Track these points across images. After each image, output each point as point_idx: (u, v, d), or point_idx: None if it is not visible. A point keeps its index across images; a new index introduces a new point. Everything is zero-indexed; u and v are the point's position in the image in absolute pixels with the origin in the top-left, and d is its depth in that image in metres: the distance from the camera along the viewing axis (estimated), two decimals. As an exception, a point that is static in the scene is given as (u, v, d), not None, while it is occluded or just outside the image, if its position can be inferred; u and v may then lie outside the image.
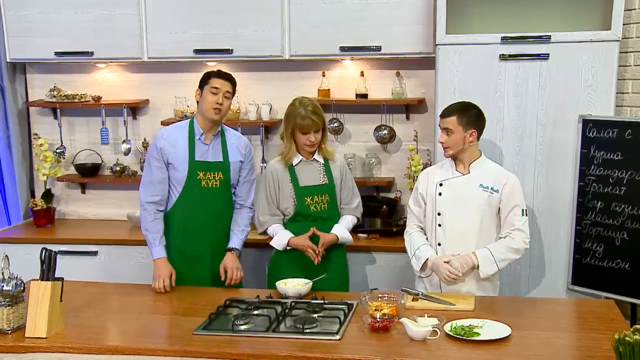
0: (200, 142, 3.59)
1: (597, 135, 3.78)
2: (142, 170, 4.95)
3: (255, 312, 3.06)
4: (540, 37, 3.84)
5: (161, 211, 3.62)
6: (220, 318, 3.01)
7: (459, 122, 3.26)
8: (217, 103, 3.52)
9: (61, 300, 2.89)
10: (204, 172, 3.58)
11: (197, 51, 4.58)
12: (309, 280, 3.40)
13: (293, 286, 3.35)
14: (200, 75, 4.78)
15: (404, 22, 4.32)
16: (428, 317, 2.92)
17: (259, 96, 4.78)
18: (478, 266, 3.29)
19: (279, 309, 3.10)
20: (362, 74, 4.63)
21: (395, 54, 4.40)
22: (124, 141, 4.96)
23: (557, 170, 3.92)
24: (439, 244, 3.38)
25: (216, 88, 3.53)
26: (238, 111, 4.82)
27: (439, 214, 3.36)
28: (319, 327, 2.90)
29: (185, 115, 4.78)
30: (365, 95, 4.60)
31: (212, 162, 3.60)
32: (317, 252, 3.54)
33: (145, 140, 4.98)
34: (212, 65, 4.80)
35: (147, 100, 5.00)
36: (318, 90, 4.69)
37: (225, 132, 3.70)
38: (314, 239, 3.58)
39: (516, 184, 3.34)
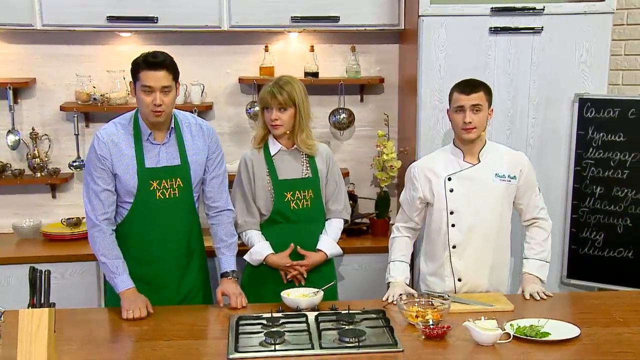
0: (149, 143, 3.36)
1: (595, 116, 4.11)
2: (30, 169, 4.63)
3: (283, 329, 2.99)
4: (533, 8, 4.10)
5: (114, 230, 3.39)
6: (243, 339, 2.91)
7: (486, 98, 3.39)
8: (155, 105, 3.22)
9: (55, 331, 2.64)
10: (158, 181, 3.34)
11: (111, 19, 4.34)
12: (318, 289, 3.38)
13: (300, 296, 3.32)
14: (111, 49, 4.64)
15: (366, -12, 4.42)
16: (485, 319, 3.02)
17: (188, 75, 4.60)
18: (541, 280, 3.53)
19: (304, 323, 3.06)
20: (312, 49, 4.64)
21: (356, 26, 4.47)
22: (9, 132, 4.57)
23: (550, 153, 4.22)
24: (454, 247, 3.48)
25: (148, 87, 3.21)
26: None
27: (451, 213, 3.46)
28: (369, 340, 2.91)
29: (95, 99, 4.51)
30: (315, 74, 4.63)
31: (166, 167, 3.36)
32: (301, 273, 3.59)
33: (33, 130, 4.63)
34: (126, 37, 4.59)
35: (34, 79, 4.64)
36: (260, 67, 4.64)
37: (181, 124, 3.43)
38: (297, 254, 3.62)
39: (529, 163, 3.54)
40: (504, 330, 2.93)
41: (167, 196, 3.36)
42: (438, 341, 2.93)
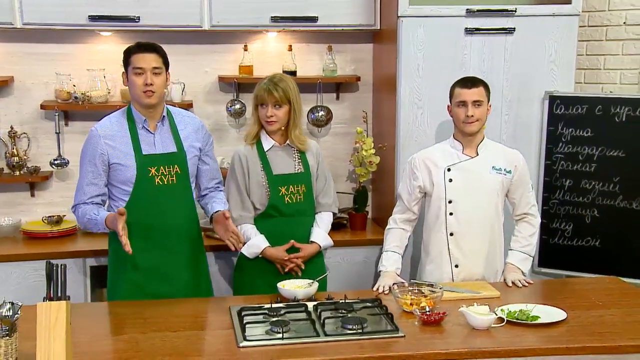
0: (144, 131, 3.45)
1: (564, 112, 4.30)
2: (8, 168, 4.60)
3: (286, 318, 3.06)
4: (505, 10, 4.26)
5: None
6: (250, 328, 2.98)
7: (486, 93, 3.54)
8: (146, 84, 3.35)
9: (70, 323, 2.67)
10: (157, 167, 3.43)
11: (92, 18, 4.34)
12: (312, 280, 3.46)
13: (295, 287, 3.40)
14: (91, 48, 4.64)
15: (343, -11, 4.52)
16: (478, 305, 3.15)
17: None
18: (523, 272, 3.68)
19: (305, 312, 3.14)
20: (290, 49, 4.71)
21: (334, 26, 4.57)
22: (-10, 130, 4.55)
23: (522, 148, 4.29)
24: (451, 234, 3.63)
25: (140, 68, 3.36)
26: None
27: (450, 202, 3.60)
28: (371, 327, 3.01)
29: (76, 98, 4.51)
30: (294, 73, 4.70)
31: (164, 153, 3.45)
32: (298, 265, 3.68)
33: (12, 128, 4.59)
34: (106, 36, 4.60)
35: (12, 77, 4.61)
36: (239, 66, 4.69)
37: (173, 114, 3.56)
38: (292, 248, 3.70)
39: (524, 161, 3.71)
40: (497, 315, 3.07)
41: (165, 182, 3.43)
42: (435, 327, 3.05)
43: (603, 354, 2.87)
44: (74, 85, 4.57)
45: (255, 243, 3.62)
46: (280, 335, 2.90)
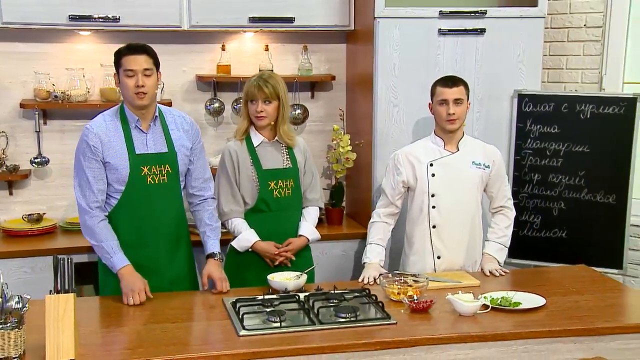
0: (137, 130, 3.49)
1: (532, 110, 4.47)
2: (-10, 168, 4.60)
3: (281, 309, 3.15)
4: (476, 12, 4.41)
5: (106, 216, 3.48)
6: (247, 319, 3.05)
7: (465, 92, 3.67)
8: (137, 86, 3.38)
9: (76, 315, 2.72)
10: (149, 167, 3.47)
11: (73, 18, 4.36)
12: (300, 273, 3.55)
13: (285, 279, 3.49)
14: (69, 47, 4.65)
15: (319, -10, 4.62)
16: (462, 293, 3.28)
17: (146, 73, 4.69)
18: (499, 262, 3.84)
19: (297, 303, 3.23)
20: (266, 48, 4.79)
21: (310, 27, 4.66)
22: (-32, 132, 4.53)
23: (493, 144, 4.49)
24: (434, 227, 3.76)
25: (131, 70, 3.39)
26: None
27: (432, 196, 3.73)
28: (363, 315, 3.11)
29: (56, 97, 4.52)
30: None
31: (156, 153, 3.50)
32: (288, 258, 3.77)
33: (-11, 129, 4.59)
34: (85, 35, 4.61)
35: (-12, 77, 4.60)
36: (217, 65, 4.75)
37: (165, 114, 3.60)
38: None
39: (501, 156, 3.86)
40: (482, 302, 3.21)
41: (157, 181, 3.47)
42: (423, 314, 3.17)
43: (582, 335, 3.03)
44: (53, 85, 4.57)
45: (245, 237, 3.69)
46: (277, 324, 2.99)
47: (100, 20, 4.40)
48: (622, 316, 3.28)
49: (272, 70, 4.76)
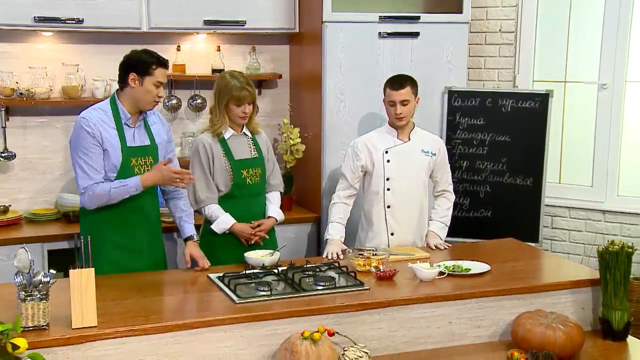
0: (127, 126, 3.73)
1: (461, 104, 4.94)
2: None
3: (265, 280, 3.45)
4: (411, 17, 4.84)
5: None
6: (239, 289, 3.34)
7: (412, 92, 4.07)
8: (159, 96, 3.68)
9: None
10: (137, 158, 3.72)
11: (39, 19, 4.51)
12: (273, 250, 3.87)
13: (260, 257, 3.79)
14: (31, 47, 4.78)
15: (267, -4, 4.93)
16: (420, 263, 3.69)
17: (105, 72, 4.84)
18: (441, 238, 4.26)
19: (278, 275, 3.55)
20: (218, 49, 5.07)
21: (259, 29, 4.98)
22: None
23: (429, 136, 4.97)
24: (388, 206, 4.15)
25: (160, 82, 3.66)
26: (82, 87, 4.81)
27: (387, 179, 4.12)
28: (340, 283, 3.47)
29: (21, 94, 4.64)
30: (221, 71, 5.04)
31: (141, 146, 3.75)
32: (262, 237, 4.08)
33: (-50, 126, 4.67)
34: (47, 36, 4.76)
35: (-53, 75, 4.68)
36: (173, 65, 4.98)
37: (146, 113, 3.82)
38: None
39: (444, 145, 4.29)
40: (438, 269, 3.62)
41: (142, 172, 3.72)
42: (389, 281, 3.54)
43: (524, 293, 3.47)
44: (17, 82, 4.69)
45: (224, 220, 3.97)
46: (268, 293, 3.29)
47: (65, 21, 4.56)
48: (553, 277, 3.75)
49: (223, 69, 5.04)
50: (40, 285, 2.82)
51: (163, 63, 3.70)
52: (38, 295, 2.81)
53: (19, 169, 4.85)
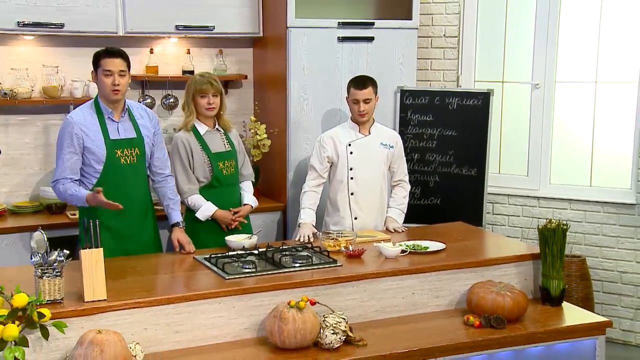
0: (110, 120, 4.00)
1: (412, 102, 5.35)
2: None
3: (249, 260, 3.78)
4: (366, 23, 5.23)
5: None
6: (227, 268, 3.65)
7: (373, 91, 4.45)
8: (114, 84, 3.90)
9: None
10: (122, 149, 4.00)
11: (21, 24, 4.73)
12: (251, 234, 4.21)
13: (240, 239, 4.12)
14: (13, 50, 5.01)
15: (234, 3, 5.24)
16: (384, 243, 4.07)
17: (83, 73, 5.07)
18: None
19: (259, 255, 3.88)
20: (188, 52, 5.37)
21: (227, 34, 5.29)
22: None
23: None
24: (352, 194, 4.52)
25: (109, 71, 3.89)
26: (62, 87, 5.04)
27: (351, 169, 4.50)
28: (315, 261, 3.82)
29: (5, 94, 4.85)
30: (192, 72, 5.34)
31: (126, 138, 4.03)
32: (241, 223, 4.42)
33: None
34: (29, 39, 4.98)
35: None
36: (146, 67, 5.27)
37: (132, 108, 4.13)
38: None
39: (400, 138, 4.68)
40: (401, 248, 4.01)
41: (129, 162, 4.01)
42: (358, 259, 3.90)
43: (476, 267, 3.87)
44: (0, 83, 4.90)
45: (207, 207, 4.28)
46: (254, 270, 3.62)
47: (47, 26, 4.79)
48: (500, 252, 4.14)
49: (193, 71, 5.33)
50: (55, 264, 3.09)
51: (108, 52, 3.91)
52: (54, 273, 3.08)
53: (1, 164, 5.05)
